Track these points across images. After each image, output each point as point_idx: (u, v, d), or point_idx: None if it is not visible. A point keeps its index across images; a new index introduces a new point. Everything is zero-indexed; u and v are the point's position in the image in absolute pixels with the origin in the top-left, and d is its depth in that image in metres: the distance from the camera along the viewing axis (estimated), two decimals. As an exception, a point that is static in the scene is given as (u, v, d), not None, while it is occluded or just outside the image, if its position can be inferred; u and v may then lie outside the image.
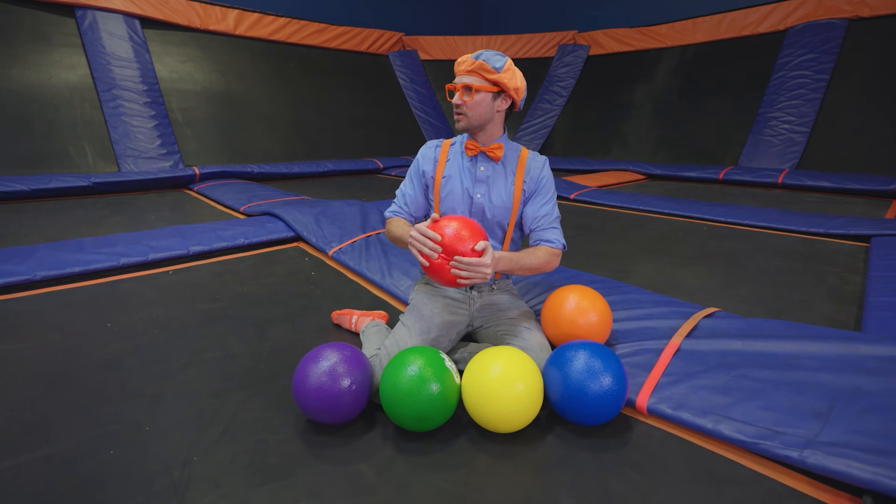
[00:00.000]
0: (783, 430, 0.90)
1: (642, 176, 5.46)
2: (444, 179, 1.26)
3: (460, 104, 1.18)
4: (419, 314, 1.22)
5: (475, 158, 1.26)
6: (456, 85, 1.19)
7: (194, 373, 1.22)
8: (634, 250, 2.40)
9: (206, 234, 2.29)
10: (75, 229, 2.77)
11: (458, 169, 1.26)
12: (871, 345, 1.08)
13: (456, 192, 1.25)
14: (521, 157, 1.27)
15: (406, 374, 0.97)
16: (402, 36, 8.10)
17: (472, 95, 1.17)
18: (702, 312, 1.35)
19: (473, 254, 1.05)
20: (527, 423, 1.00)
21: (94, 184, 4.03)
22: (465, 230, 1.06)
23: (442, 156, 1.28)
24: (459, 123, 1.21)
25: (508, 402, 0.95)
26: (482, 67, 1.16)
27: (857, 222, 2.66)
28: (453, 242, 1.04)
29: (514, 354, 1.02)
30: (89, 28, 5.05)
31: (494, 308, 1.28)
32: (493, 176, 1.25)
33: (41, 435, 0.97)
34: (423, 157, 1.29)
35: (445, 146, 1.29)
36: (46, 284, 1.76)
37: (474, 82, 1.17)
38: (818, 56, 5.21)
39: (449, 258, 1.05)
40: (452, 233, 1.05)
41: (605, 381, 0.97)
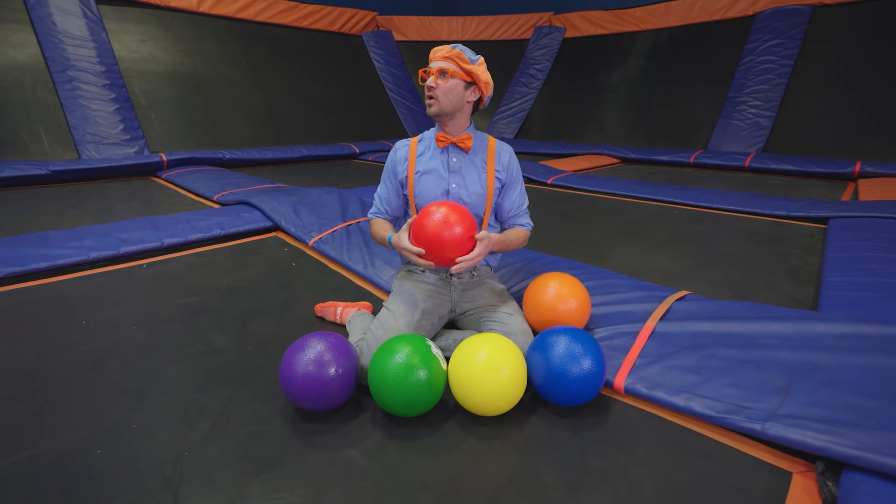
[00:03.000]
0: (748, 405, 0.97)
1: (617, 160, 5.56)
2: (418, 175, 1.28)
3: (434, 87, 1.20)
4: (403, 299, 1.25)
5: (447, 150, 1.29)
6: (430, 69, 1.22)
7: (178, 369, 1.21)
8: (610, 235, 2.47)
9: (179, 225, 2.22)
10: (36, 222, 2.64)
11: (431, 162, 1.28)
12: (826, 323, 1.17)
13: (431, 185, 1.27)
14: (489, 145, 1.32)
15: (394, 362, 0.99)
16: (375, 15, 7.88)
17: (447, 80, 1.20)
18: (674, 296, 1.41)
19: (463, 249, 1.10)
20: (511, 407, 1.04)
21: (52, 172, 3.83)
22: (445, 232, 1.08)
23: (411, 153, 1.29)
24: (431, 108, 1.23)
25: (494, 387, 0.99)
26: (459, 56, 1.20)
27: (817, 205, 2.80)
28: (437, 249, 1.09)
29: (499, 341, 1.06)
30: (37, 3, 4.71)
31: (476, 294, 1.31)
32: (465, 166, 1.28)
33: (24, 436, 0.95)
34: (393, 158, 1.31)
35: (413, 144, 1.31)
36: (11, 282, 1.69)
37: (450, 67, 1.20)
38: (784, 42, 5.37)
39: (440, 255, 1.10)
40: (434, 242, 1.09)
41: (584, 364, 1.02)
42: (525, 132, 7.45)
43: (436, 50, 1.22)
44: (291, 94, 6.51)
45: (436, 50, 1.22)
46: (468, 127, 1.29)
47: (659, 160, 5.26)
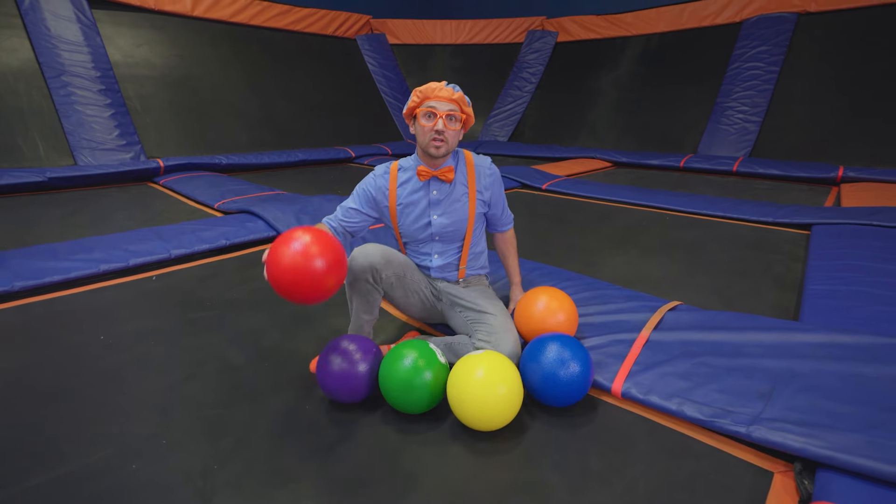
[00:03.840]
0: (734, 409, 1.06)
1: (609, 164, 5.67)
2: (401, 207, 1.32)
3: (443, 130, 1.23)
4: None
5: (429, 183, 1.32)
6: (438, 111, 1.22)
7: (198, 385, 1.27)
8: (603, 242, 2.56)
9: (185, 235, 2.27)
10: (39, 232, 2.67)
11: (412, 197, 1.32)
12: (805, 333, 1.26)
13: (413, 217, 1.33)
14: (468, 166, 1.34)
15: (402, 366, 1.08)
16: (369, 19, 7.92)
17: (457, 125, 1.26)
18: (666, 306, 1.50)
19: (321, 288, 1.03)
20: (509, 422, 1.09)
21: (49, 179, 3.83)
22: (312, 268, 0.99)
23: (392, 184, 1.32)
24: (440, 150, 1.25)
25: (492, 405, 1.03)
26: (461, 100, 1.26)
27: (800, 212, 2.92)
28: (290, 287, 1.01)
29: (495, 359, 1.10)
30: (31, 8, 4.69)
31: (463, 294, 1.37)
32: (446, 196, 1.32)
33: (57, 452, 1.01)
34: (372, 186, 1.33)
35: (394, 174, 1.33)
36: (25, 295, 1.73)
37: (456, 112, 1.25)
38: (770, 48, 5.52)
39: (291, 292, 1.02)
40: (288, 278, 1.00)
41: (573, 367, 1.11)
42: (518, 135, 7.55)
43: (437, 88, 1.23)
44: (286, 97, 6.53)
45: (437, 88, 1.23)
46: (450, 157, 1.33)
47: (650, 164, 5.37)
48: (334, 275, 1.03)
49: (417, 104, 1.26)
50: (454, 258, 1.38)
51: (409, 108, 1.28)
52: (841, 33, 5.18)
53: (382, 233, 2.33)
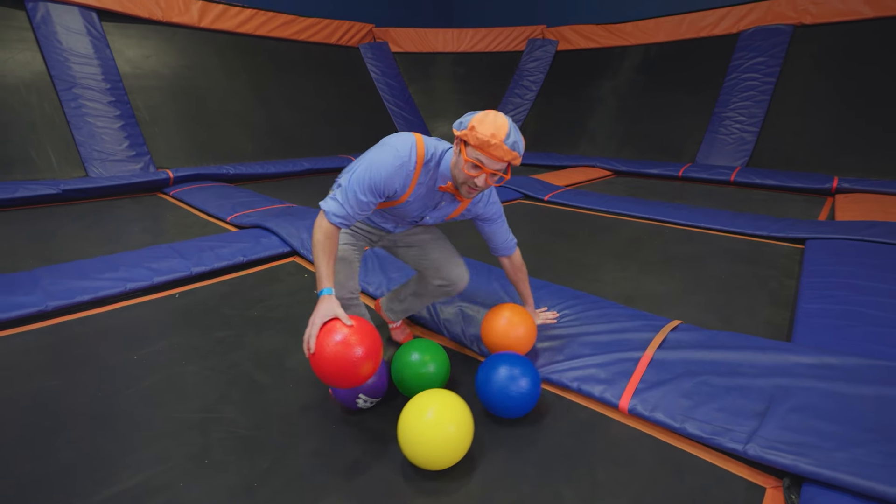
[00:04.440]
0: (732, 427, 1.15)
1: (609, 172, 5.78)
2: (407, 202, 1.26)
3: (483, 186, 1.16)
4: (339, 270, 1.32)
5: (445, 195, 1.29)
6: (485, 167, 1.12)
7: (231, 405, 1.35)
8: (605, 257, 2.65)
9: (204, 252, 2.36)
10: (58, 246, 2.75)
11: (422, 198, 1.27)
12: (797, 354, 1.36)
13: (410, 210, 1.30)
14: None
15: (410, 360, 1.32)
16: (372, 28, 8.02)
17: (499, 181, 1.19)
18: (669, 326, 1.59)
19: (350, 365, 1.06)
20: (459, 460, 1.08)
21: (63, 191, 3.92)
22: (353, 357, 1.05)
23: (413, 180, 1.22)
24: (471, 195, 1.21)
25: (441, 444, 1.03)
26: (514, 159, 1.13)
27: (795, 226, 3.02)
28: (345, 364, 1.05)
29: (446, 398, 1.10)
30: (42, 21, 4.78)
31: (404, 236, 1.47)
32: (447, 207, 1.34)
33: (108, 472, 1.09)
34: (389, 181, 1.18)
35: (419, 167, 1.21)
36: (58, 314, 1.82)
37: (502, 171, 1.16)
38: (766, 60, 5.63)
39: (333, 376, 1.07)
40: (349, 360, 1.05)
41: (522, 383, 1.23)
42: (519, 143, 7.64)
43: (495, 147, 1.09)
44: (291, 106, 6.63)
45: (495, 147, 1.09)
46: None
47: (649, 173, 5.48)
48: (372, 362, 1.09)
49: (469, 144, 1.13)
50: (407, 228, 1.46)
51: (462, 134, 1.13)
52: (836, 45, 5.30)
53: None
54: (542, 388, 1.45)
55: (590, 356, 1.50)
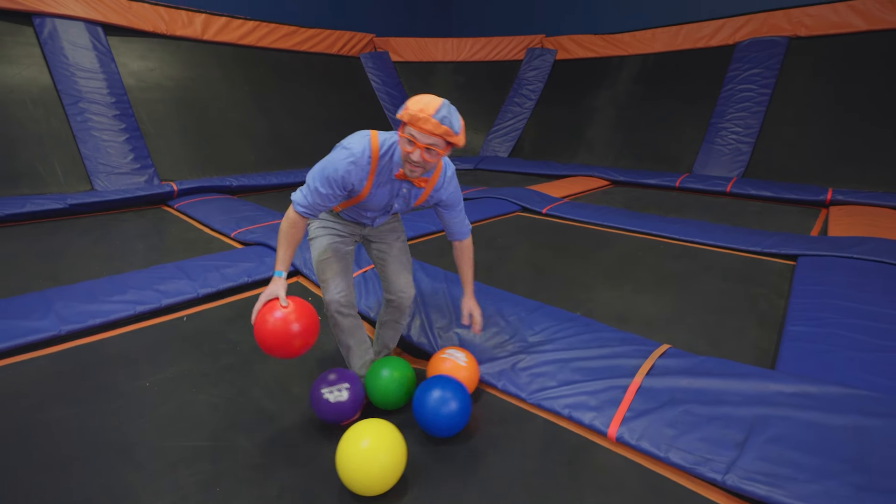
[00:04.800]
0: (713, 457, 1.22)
1: (608, 182, 5.84)
2: (370, 195, 1.36)
3: (420, 161, 1.23)
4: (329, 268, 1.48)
5: (402, 182, 1.37)
6: (417, 141, 1.19)
7: (240, 434, 1.41)
8: (600, 275, 2.72)
9: (209, 273, 2.43)
10: (67, 264, 2.83)
11: (383, 188, 1.36)
12: (779, 382, 1.42)
13: (375, 201, 1.39)
14: (435, 175, 1.41)
15: (382, 377, 1.47)
16: (373, 37, 8.11)
17: (434, 157, 1.23)
18: (657, 351, 1.66)
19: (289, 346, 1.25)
20: (392, 485, 1.16)
21: (70, 206, 4.00)
22: (290, 331, 1.22)
23: (371, 173, 1.31)
24: (414, 174, 1.28)
25: (377, 472, 1.11)
26: (447, 133, 1.19)
27: (787, 241, 3.08)
28: (281, 337, 1.22)
29: (379, 428, 1.18)
30: (49, 37, 4.87)
31: (379, 235, 1.60)
32: (409, 194, 1.42)
33: (130, 502, 1.16)
34: (346, 174, 1.28)
35: (374, 164, 1.30)
36: (71, 338, 1.88)
37: (437, 146, 1.21)
38: (762, 71, 5.70)
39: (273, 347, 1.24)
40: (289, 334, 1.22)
41: (452, 405, 1.33)
42: (518, 150, 7.72)
43: (423, 119, 1.16)
44: (293, 116, 6.71)
45: (423, 119, 1.16)
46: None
47: (647, 183, 5.55)
48: (303, 338, 1.26)
49: (404, 122, 1.21)
50: (386, 219, 1.56)
51: (400, 115, 1.22)
52: (831, 57, 5.37)
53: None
54: (536, 413, 1.52)
55: (581, 382, 1.57)
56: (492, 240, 3.44)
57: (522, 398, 1.58)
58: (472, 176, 6.67)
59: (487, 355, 1.78)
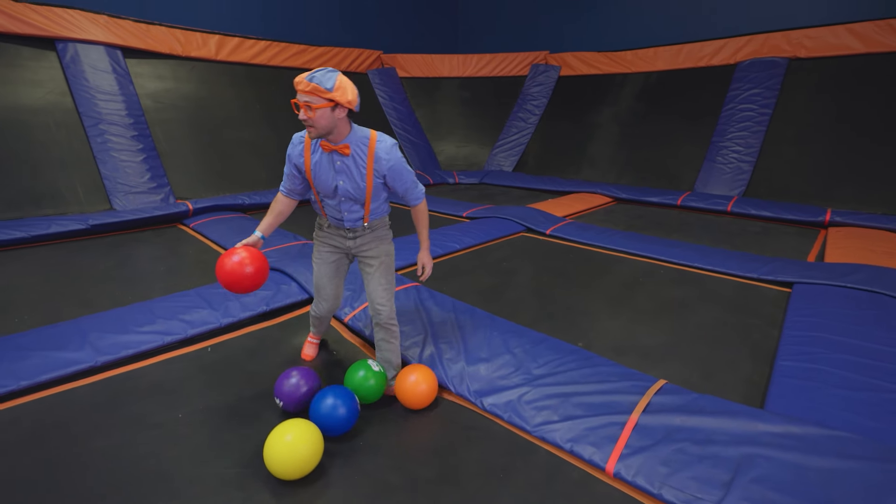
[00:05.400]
0: (702, 496, 1.33)
1: (611, 199, 5.96)
2: (313, 170, 1.62)
3: (306, 119, 1.46)
4: (319, 258, 1.86)
5: (332, 154, 1.59)
6: (299, 102, 1.45)
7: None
8: (601, 302, 2.83)
9: (229, 301, 2.56)
10: (94, 287, 2.98)
11: (322, 162, 1.61)
12: (766, 422, 1.53)
13: (323, 180, 1.63)
14: (370, 146, 1.59)
15: (357, 376, 1.78)
16: (380, 54, 8.30)
17: (314, 111, 1.44)
18: (654, 387, 1.77)
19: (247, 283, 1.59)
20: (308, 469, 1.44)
21: (91, 226, 4.16)
22: (243, 272, 1.55)
23: (306, 151, 1.61)
24: (311, 133, 1.51)
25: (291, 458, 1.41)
26: (316, 90, 1.42)
27: (784, 268, 3.18)
28: (239, 279, 1.56)
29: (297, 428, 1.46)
30: (71, 61, 5.07)
31: (362, 251, 1.81)
32: (348, 167, 1.60)
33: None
34: (293, 152, 1.65)
35: (307, 142, 1.60)
36: (106, 369, 2.02)
37: (312, 101, 1.43)
38: (762, 91, 5.81)
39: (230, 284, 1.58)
40: (242, 273, 1.56)
41: (340, 411, 1.60)
42: (522, 165, 7.86)
43: (297, 83, 1.44)
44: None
45: (297, 83, 1.44)
46: (348, 134, 1.56)
47: (649, 201, 5.66)
48: (253, 279, 1.59)
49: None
50: (360, 213, 1.72)
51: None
52: (830, 79, 5.47)
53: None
54: (540, 445, 1.64)
55: (582, 418, 1.68)
56: (497, 263, 3.57)
57: (527, 430, 1.70)
58: (478, 191, 6.82)
59: (495, 386, 1.90)
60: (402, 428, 1.74)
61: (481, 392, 1.88)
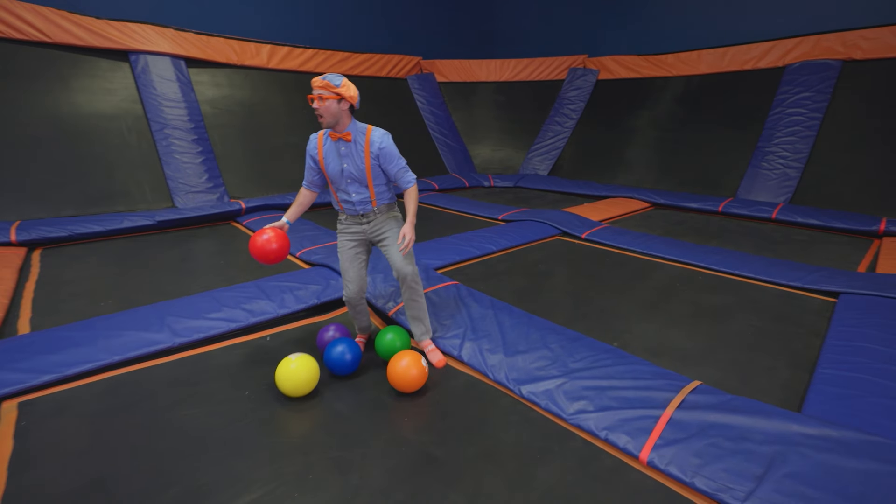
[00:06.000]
0: (734, 486, 1.40)
1: (648, 204, 5.90)
2: (325, 158, 2.02)
3: (317, 108, 1.87)
4: (342, 251, 2.18)
5: (338, 142, 1.98)
6: (312, 95, 1.88)
7: (322, 432, 1.72)
8: (636, 307, 2.87)
9: (285, 293, 2.79)
10: (164, 277, 3.30)
11: (330, 151, 2.01)
12: (802, 424, 1.57)
13: (332, 166, 2.02)
14: (367, 135, 1.98)
15: (385, 338, 2.18)
16: (419, 60, 8.53)
17: (324, 102, 1.85)
18: (689, 387, 1.83)
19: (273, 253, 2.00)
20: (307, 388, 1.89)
21: (158, 222, 4.56)
22: (269, 248, 1.98)
23: (318, 144, 2.03)
24: (321, 121, 1.89)
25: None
26: (327, 86, 1.84)
27: (830, 277, 3.11)
28: (265, 253, 1.98)
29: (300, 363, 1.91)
30: (142, 71, 5.55)
31: (381, 229, 2.14)
32: (350, 152, 1.99)
33: (241, 487, 1.48)
34: (308, 148, 2.06)
35: (319, 138, 2.03)
36: (182, 350, 2.28)
37: (323, 94, 1.85)
38: (813, 95, 5.61)
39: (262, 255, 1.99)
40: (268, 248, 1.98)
41: (347, 356, 2.04)
42: (558, 169, 7.87)
43: (313, 81, 1.86)
44: (344, 137, 7.18)
45: (313, 81, 1.86)
46: (349, 125, 1.96)
47: (688, 207, 5.57)
48: (277, 252, 2.00)
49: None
50: (366, 195, 2.07)
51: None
52: (887, 82, 5.22)
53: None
54: (576, 432, 1.73)
55: (617, 409, 1.77)
56: (533, 266, 3.66)
57: (563, 418, 1.80)
58: (512, 194, 6.90)
59: (532, 376, 2.01)
60: (446, 409, 1.88)
61: (519, 381, 1.99)
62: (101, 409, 1.85)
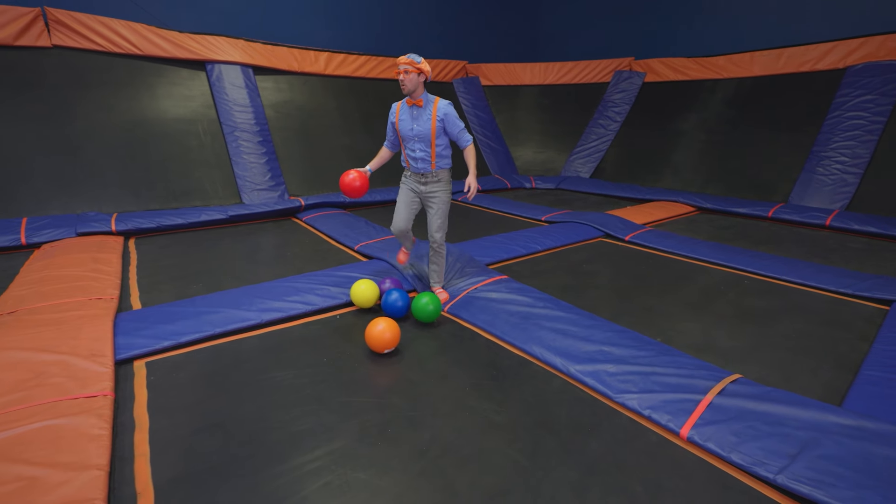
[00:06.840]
0: (768, 461, 1.54)
1: (693, 209, 5.87)
2: (400, 121, 2.64)
3: (402, 79, 2.47)
4: (400, 198, 2.83)
5: (413, 107, 2.59)
6: (399, 70, 2.48)
7: (394, 395, 2.00)
8: (680, 306, 2.98)
9: (350, 283, 3.11)
10: (240, 265, 3.71)
11: (404, 114, 2.63)
12: (837, 416, 1.68)
13: (405, 125, 2.62)
14: (434, 104, 2.57)
15: (421, 302, 2.58)
16: (465, 64, 8.79)
17: (408, 75, 2.46)
18: (729, 378, 1.97)
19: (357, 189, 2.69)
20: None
21: (230, 216, 5.05)
22: (352, 184, 2.68)
23: (396, 111, 2.67)
24: (403, 89, 2.49)
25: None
26: (411, 63, 2.45)
27: (883, 285, 3.08)
28: (351, 189, 2.67)
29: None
30: (217, 79, 6.11)
31: (431, 191, 2.71)
32: (420, 116, 2.58)
33: (328, 435, 1.78)
34: (390, 114, 2.69)
35: (398, 106, 2.66)
36: (268, 325, 2.63)
37: (408, 68, 2.45)
38: (876, 98, 5.41)
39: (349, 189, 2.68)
40: (353, 185, 2.67)
41: (400, 303, 2.64)
42: (600, 172, 7.90)
43: (398, 60, 2.46)
44: (393, 139, 7.55)
45: (398, 60, 2.46)
46: (422, 94, 2.55)
47: (736, 212, 5.51)
48: (360, 191, 2.69)
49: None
50: (427, 154, 2.62)
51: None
52: (961, 84, 4.97)
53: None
54: (621, 411, 1.91)
55: (660, 392, 1.94)
56: (576, 265, 3.81)
57: (610, 397, 1.98)
58: (554, 196, 7.02)
59: (580, 359, 2.20)
60: (503, 384, 2.11)
61: (568, 363, 2.19)
62: (210, 370, 2.21)
